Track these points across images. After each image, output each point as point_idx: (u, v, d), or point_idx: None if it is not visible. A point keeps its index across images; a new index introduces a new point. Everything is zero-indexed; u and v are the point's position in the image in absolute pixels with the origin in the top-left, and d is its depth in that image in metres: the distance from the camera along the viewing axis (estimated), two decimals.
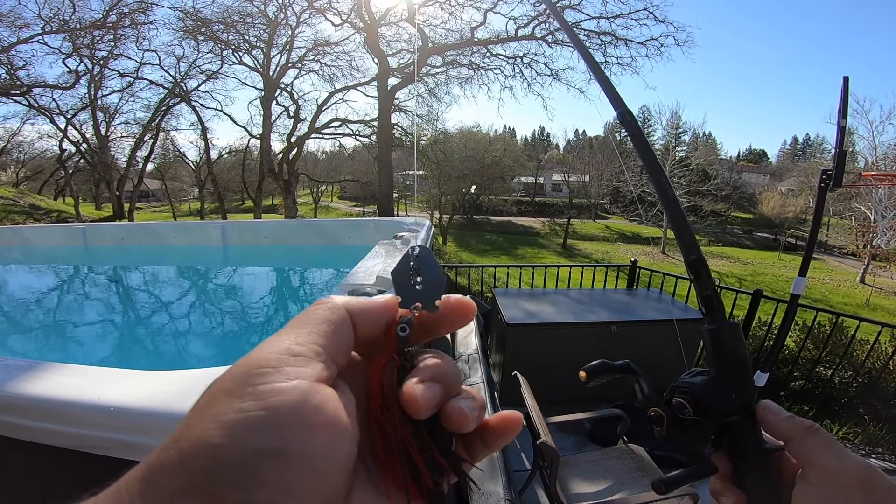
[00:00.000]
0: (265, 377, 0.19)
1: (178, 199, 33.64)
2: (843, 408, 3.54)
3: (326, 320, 0.24)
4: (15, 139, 22.41)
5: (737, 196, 36.56)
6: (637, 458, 2.13)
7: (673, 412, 0.42)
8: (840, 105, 1.82)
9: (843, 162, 1.82)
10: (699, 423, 0.41)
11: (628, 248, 28.62)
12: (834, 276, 23.58)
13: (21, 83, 16.57)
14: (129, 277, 5.05)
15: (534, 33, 15.76)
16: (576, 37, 0.71)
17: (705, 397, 0.41)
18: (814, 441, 0.37)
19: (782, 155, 63.78)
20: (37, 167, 26.84)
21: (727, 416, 0.41)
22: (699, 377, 0.43)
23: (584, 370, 0.49)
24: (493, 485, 1.26)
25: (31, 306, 4.16)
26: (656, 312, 3.70)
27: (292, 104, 20.05)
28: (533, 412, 1.89)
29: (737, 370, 0.42)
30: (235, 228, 4.95)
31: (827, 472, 0.35)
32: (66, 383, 1.10)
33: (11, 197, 17.99)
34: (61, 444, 1.03)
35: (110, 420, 0.99)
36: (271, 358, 0.20)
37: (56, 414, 1.03)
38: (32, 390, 1.06)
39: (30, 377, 1.12)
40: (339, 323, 0.24)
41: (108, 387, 1.06)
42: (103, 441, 1.00)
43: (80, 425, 1.02)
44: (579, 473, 2.05)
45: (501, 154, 32.39)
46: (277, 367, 0.20)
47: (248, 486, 0.17)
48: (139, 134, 21.55)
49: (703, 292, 0.45)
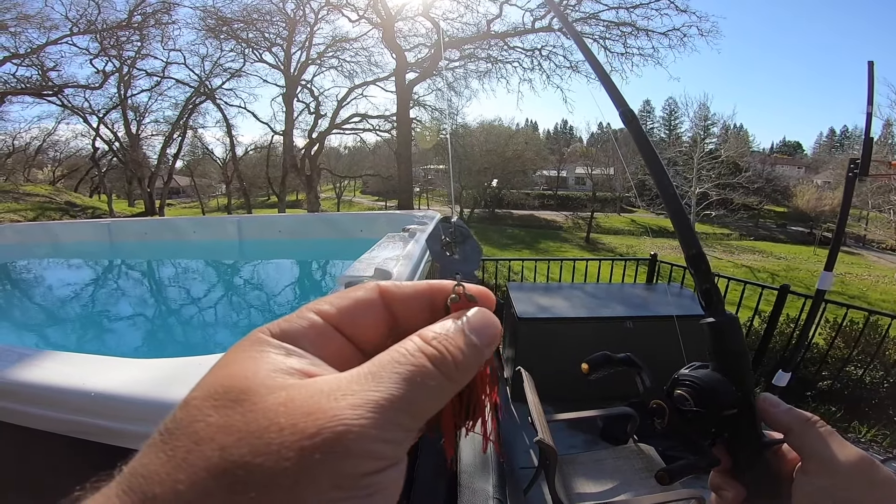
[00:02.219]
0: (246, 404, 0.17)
1: (207, 195, 34.55)
2: (872, 409, 3.36)
3: (345, 296, 0.23)
4: (50, 138, 23.39)
5: (770, 189, 35.32)
6: (646, 458, 2.06)
7: (675, 404, 0.42)
8: (868, 91, 1.72)
9: (869, 149, 1.70)
10: (701, 414, 0.41)
11: (654, 243, 27.95)
12: (872, 272, 22.54)
13: (53, 84, 17.23)
14: (151, 272, 5.19)
15: (551, 25, 15.50)
16: (577, 34, 0.71)
17: (706, 390, 0.42)
18: (813, 433, 0.37)
19: (818, 147, 61.40)
20: (72, 165, 27.92)
21: (728, 408, 0.41)
22: (700, 370, 0.44)
23: (586, 362, 0.50)
24: (482, 482, 1.23)
25: (62, 299, 4.32)
26: (675, 308, 3.58)
27: (313, 100, 20.35)
28: (534, 409, 1.83)
29: (736, 363, 0.43)
30: (251, 223, 5.03)
31: (826, 463, 0.35)
32: (56, 370, 1.11)
33: (48, 194, 18.77)
34: (51, 428, 1.04)
35: (93, 406, 1.00)
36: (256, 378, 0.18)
37: (43, 399, 1.04)
38: (23, 376, 1.08)
39: (23, 364, 1.14)
40: (361, 298, 0.23)
41: (94, 374, 1.07)
42: (86, 426, 1.01)
43: (66, 410, 1.03)
44: (585, 473, 1.99)
45: (523, 147, 32.08)
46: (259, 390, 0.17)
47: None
48: (168, 132, 22.24)
49: (702, 286, 0.47)
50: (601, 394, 3.15)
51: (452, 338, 0.21)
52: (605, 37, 15.52)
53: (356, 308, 0.23)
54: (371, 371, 0.18)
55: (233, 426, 0.16)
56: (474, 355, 0.21)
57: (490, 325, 0.22)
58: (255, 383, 0.17)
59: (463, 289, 0.24)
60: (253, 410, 0.16)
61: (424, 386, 0.18)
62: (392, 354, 0.19)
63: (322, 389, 0.17)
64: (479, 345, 0.21)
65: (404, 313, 0.24)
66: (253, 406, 0.16)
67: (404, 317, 0.24)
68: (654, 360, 0.49)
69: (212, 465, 0.15)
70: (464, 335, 0.21)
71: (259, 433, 0.15)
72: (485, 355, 0.22)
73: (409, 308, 0.24)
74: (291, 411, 0.16)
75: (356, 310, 0.23)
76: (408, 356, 0.19)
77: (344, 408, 0.16)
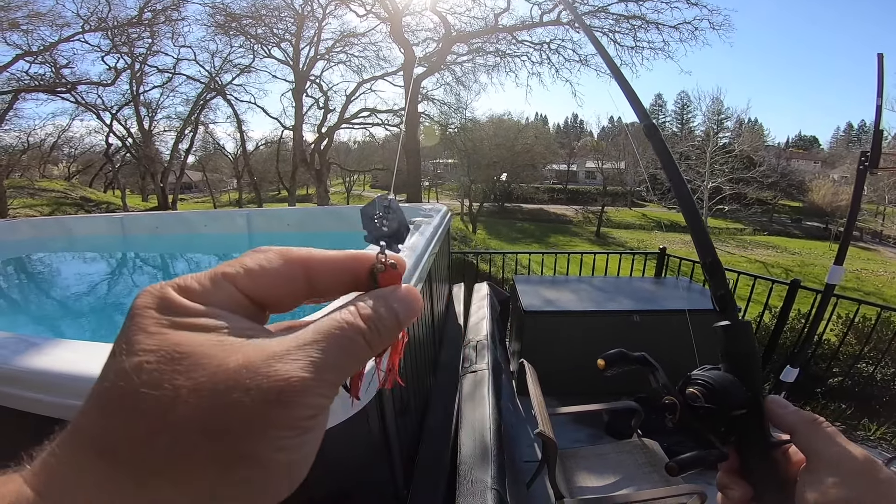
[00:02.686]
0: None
1: (219, 190, 34.84)
2: (883, 407, 3.31)
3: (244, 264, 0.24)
4: (65, 135, 23.63)
5: (785, 184, 34.70)
6: (650, 453, 2.05)
7: (686, 401, 0.44)
8: (877, 83, 1.69)
9: (879, 142, 1.68)
10: (712, 411, 0.43)
11: (665, 237, 27.66)
12: (889, 269, 22.10)
13: (66, 81, 17.40)
14: (162, 264, 5.27)
15: (559, 18, 15.30)
16: (598, 42, 0.73)
17: (718, 389, 0.43)
18: (818, 433, 0.38)
19: (835, 142, 60.19)
20: (87, 161, 28.28)
21: (737, 408, 0.43)
22: (712, 371, 0.45)
23: (602, 358, 0.52)
24: (481, 473, 1.24)
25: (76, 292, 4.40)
26: (683, 302, 3.55)
27: (322, 95, 20.36)
28: (535, 402, 1.84)
29: (748, 366, 0.45)
30: (260, 217, 5.08)
31: (829, 463, 0.36)
32: (65, 357, 1.13)
33: (63, 190, 19.10)
34: (55, 414, 1.06)
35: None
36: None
37: (47, 385, 1.06)
38: (37, 364, 1.09)
39: (34, 352, 1.16)
40: (279, 270, 0.24)
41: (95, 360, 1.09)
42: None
43: (78, 398, 1.04)
44: (587, 467, 1.99)
45: (533, 141, 31.85)
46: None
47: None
48: (180, 127, 22.39)
49: (717, 292, 0.48)
50: (607, 388, 3.15)
51: (385, 318, 0.24)
52: (614, 30, 15.29)
53: (269, 278, 0.24)
54: (315, 339, 0.21)
55: (202, 388, 0.19)
56: (397, 330, 0.25)
57: (414, 303, 0.26)
58: (208, 349, 0.20)
59: (385, 257, 0.26)
60: (216, 374, 0.19)
61: (355, 355, 0.23)
62: (332, 323, 0.22)
63: (275, 352, 0.20)
64: (402, 321, 0.25)
65: (323, 280, 0.25)
66: (217, 370, 0.19)
67: (323, 283, 0.25)
68: (661, 354, 0.51)
69: (191, 420, 0.18)
70: (395, 317, 0.24)
71: (227, 392, 0.19)
72: (403, 328, 0.25)
73: (328, 275, 0.25)
74: (252, 374, 0.19)
75: (269, 279, 0.24)
76: (345, 330, 0.22)
77: (295, 370, 0.20)
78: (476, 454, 1.36)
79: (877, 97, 1.72)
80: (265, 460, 0.19)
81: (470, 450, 1.38)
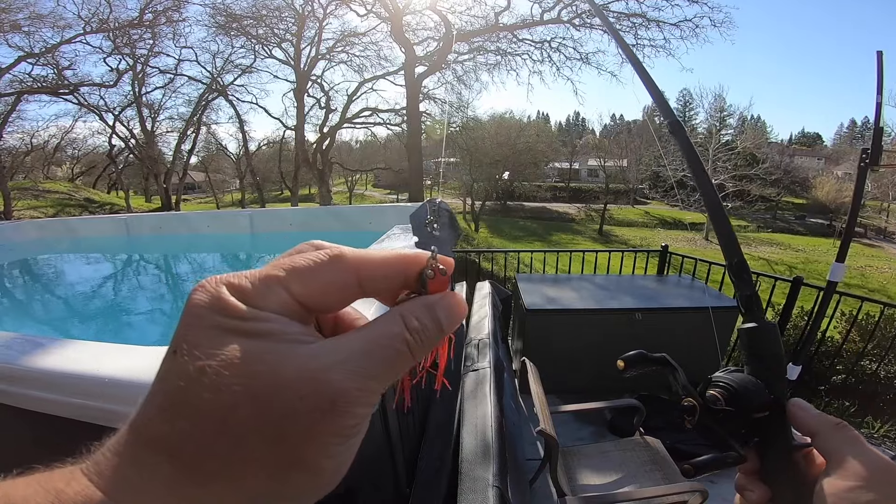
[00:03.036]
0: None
1: (222, 191, 34.94)
2: (886, 404, 3.30)
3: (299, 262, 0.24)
4: (68, 136, 23.77)
5: (788, 180, 34.58)
6: (652, 451, 2.06)
7: (706, 403, 0.44)
8: (877, 81, 1.70)
9: (879, 138, 1.68)
10: (731, 414, 0.43)
11: (668, 234, 27.64)
12: (893, 265, 22.00)
13: (68, 82, 17.48)
14: (166, 264, 5.30)
15: (560, 16, 15.28)
16: (626, 45, 0.73)
17: (740, 392, 0.43)
18: (839, 437, 0.38)
19: (839, 138, 59.91)
20: (90, 162, 28.43)
21: (759, 411, 0.43)
22: (735, 374, 0.45)
23: (622, 359, 0.51)
24: (482, 470, 1.24)
25: (81, 292, 4.43)
26: (686, 300, 3.54)
27: (323, 95, 20.40)
28: (536, 400, 1.84)
29: (773, 368, 0.44)
30: (263, 216, 5.11)
31: (849, 467, 0.36)
32: (70, 357, 1.14)
33: (67, 191, 19.20)
34: (67, 414, 1.07)
35: (106, 391, 1.02)
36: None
37: (58, 385, 1.07)
38: (42, 363, 1.11)
39: (40, 352, 1.17)
40: (334, 280, 0.24)
41: (106, 360, 1.10)
42: (101, 412, 1.04)
43: (82, 396, 1.05)
44: (589, 465, 1.99)
45: (534, 140, 31.82)
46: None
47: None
48: (182, 128, 22.46)
49: (744, 293, 0.48)
50: (609, 385, 3.15)
51: (429, 329, 0.24)
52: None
53: (328, 290, 0.24)
54: (363, 349, 0.22)
55: (260, 395, 0.20)
56: (439, 340, 0.25)
57: (459, 312, 0.26)
58: (264, 356, 0.20)
59: (435, 262, 0.26)
60: (272, 382, 0.20)
61: (400, 366, 0.23)
62: (379, 333, 0.23)
63: (325, 364, 0.21)
64: (445, 330, 0.25)
65: (375, 285, 0.25)
66: (272, 378, 0.20)
67: (374, 287, 0.25)
68: (663, 350, 0.50)
69: (250, 425, 0.19)
70: (439, 326, 0.25)
71: (283, 401, 0.20)
72: (446, 336, 0.26)
73: (380, 280, 0.25)
74: (306, 383, 0.20)
75: (328, 291, 0.24)
76: (392, 340, 0.23)
77: (344, 382, 0.21)
78: (477, 452, 1.36)
79: (876, 94, 1.73)
80: (315, 465, 0.21)
81: (471, 447, 1.39)
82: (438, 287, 0.26)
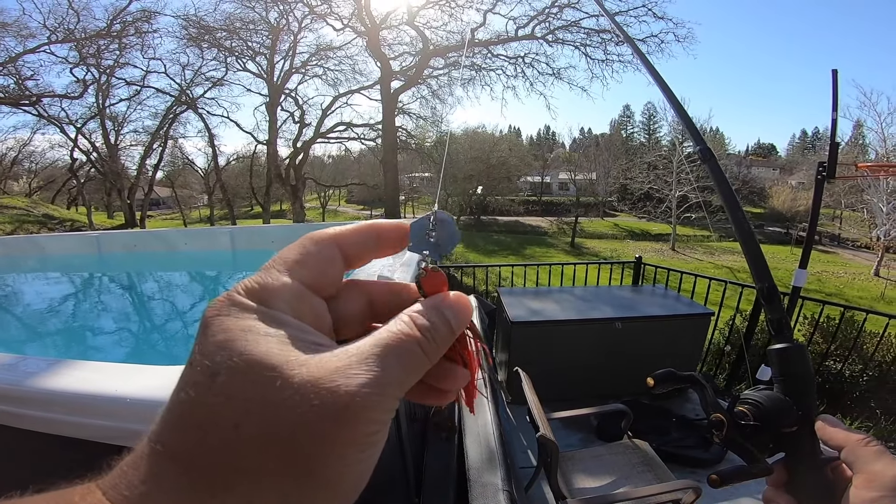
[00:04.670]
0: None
1: (189, 206, 34.04)
2: (854, 402, 3.50)
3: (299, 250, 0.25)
4: (26, 149, 22.83)
5: (746, 191, 36.15)
6: (641, 453, 2.14)
7: (734, 419, 0.46)
8: (832, 98, 1.85)
9: (835, 154, 1.84)
10: (758, 429, 0.45)
11: (637, 245, 28.44)
12: (848, 270, 23.23)
13: (30, 93, 16.89)
14: (141, 283, 5.15)
15: (534, 33, 15.80)
16: (652, 67, 0.75)
17: (769, 408, 0.45)
18: (865, 450, 0.40)
19: (792, 149, 62.99)
20: (49, 177, 27.26)
21: (787, 427, 0.45)
22: (764, 391, 0.47)
23: (651, 377, 0.52)
24: (491, 476, 1.29)
25: (48, 313, 4.25)
26: (661, 308, 3.69)
27: (297, 109, 20.30)
28: (534, 407, 1.91)
29: (801, 387, 0.46)
30: (244, 234, 5.03)
31: (873, 478, 0.38)
32: (86, 378, 1.12)
33: (25, 207, 18.33)
34: (88, 436, 1.06)
35: (128, 411, 1.02)
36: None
37: (79, 407, 1.05)
38: (56, 385, 1.09)
39: (51, 373, 1.14)
40: (314, 250, 0.25)
41: (125, 381, 1.10)
42: (121, 431, 1.04)
43: (102, 417, 1.05)
44: (583, 468, 2.06)
45: (507, 154, 32.42)
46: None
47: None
48: (148, 142, 21.86)
49: (773, 316, 0.51)
50: (594, 392, 3.25)
51: (438, 326, 0.24)
52: (585, 44, 15.91)
53: (321, 264, 0.25)
54: (374, 352, 0.21)
55: (270, 402, 0.19)
56: (451, 336, 0.25)
57: (464, 307, 0.26)
58: (275, 360, 0.20)
59: (427, 264, 0.27)
60: (283, 387, 0.19)
61: (414, 367, 0.23)
62: (390, 335, 0.23)
63: (337, 368, 0.20)
64: (455, 327, 0.25)
65: (354, 251, 0.27)
66: (284, 383, 0.19)
67: (354, 253, 0.27)
68: (642, 357, 0.53)
69: (262, 434, 0.19)
70: (447, 323, 0.24)
71: (295, 407, 0.19)
72: (457, 334, 0.26)
73: (353, 242, 0.27)
74: (318, 389, 0.19)
75: (321, 266, 0.25)
76: (404, 341, 0.22)
77: (358, 386, 0.20)
78: (483, 458, 1.41)
79: (832, 111, 1.88)
80: (331, 476, 0.19)
81: (477, 454, 1.44)
82: (435, 286, 0.27)
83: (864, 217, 25.86)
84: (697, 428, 2.88)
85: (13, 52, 15.32)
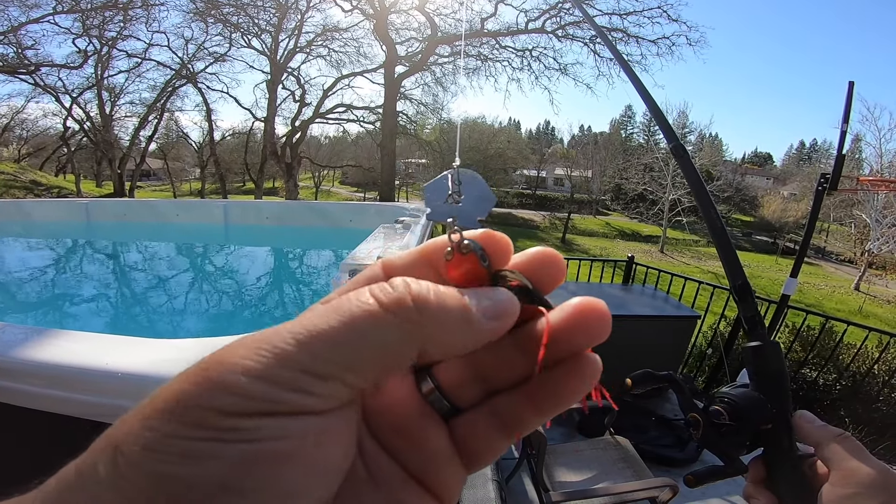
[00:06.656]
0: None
1: (180, 179, 33.59)
2: (825, 410, 3.58)
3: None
4: (18, 116, 22.36)
5: (739, 198, 36.43)
6: (623, 449, 2.19)
7: (710, 418, 0.46)
8: (844, 110, 1.83)
9: (840, 166, 1.84)
10: (734, 428, 0.45)
11: (627, 246, 28.62)
12: (829, 282, 23.60)
13: (29, 62, 16.59)
14: (129, 253, 5.09)
15: (544, 27, 15.68)
16: (629, 69, 0.75)
17: (743, 406, 0.46)
18: (841, 447, 0.40)
19: (788, 159, 63.45)
20: (39, 144, 26.79)
21: (762, 424, 0.45)
22: (739, 389, 0.47)
23: (629, 378, 0.53)
24: None
25: (31, 279, 4.19)
26: (649, 308, 3.74)
27: (298, 88, 20.05)
28: None
29: (776, 384, 0.47)
30: (238, 208, 4.99)
31: (849, 475, 0.38)
32: (71, 349, 1.03)
33: (12, 172, 18.02)
34: (67, 411, 0.97)
35: (118, 387, 0.94)
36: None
37: (62, 380, 0.97)
38: (36, 356, 1.00)
39: (32, 343, 1.05)
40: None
41: (115, 354, 1.00)
42: (111, 409, 0.94)
43: (86, 392, 0.95)
44: (565, 463, 2.10)
45: (505, 146, 32.33)
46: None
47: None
48: (143, 114, 21.54)
49: (747, 314, 0.50)
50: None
51: (449, 307, 0.17)
52: (594, 41, 15.83)
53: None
54: (324, 326, 0.15)
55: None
56: (464, 325, 0.17)
57: (510, 303, 0.18)
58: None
59: (460, 237, 0.18)
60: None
61: (364, 332, 0.15)
62: (353, 302, 0.16)
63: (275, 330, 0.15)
64: (479, 320, 0.17)
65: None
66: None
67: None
68: (629, 356, 0.54)
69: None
70: (461, 307, 0.17)
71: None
72: (486, 329, 0.17)
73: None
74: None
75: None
76: (370, 309, 0.16)
77: (241, 345, 0.15)
78: None
79: (842, 122, 1.87)
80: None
81: None
82: (465, 273, 0.18)
83: (850, 231, 26.20)
84: (675, 428, 2.95)
85: (16, 21, 14.98)
